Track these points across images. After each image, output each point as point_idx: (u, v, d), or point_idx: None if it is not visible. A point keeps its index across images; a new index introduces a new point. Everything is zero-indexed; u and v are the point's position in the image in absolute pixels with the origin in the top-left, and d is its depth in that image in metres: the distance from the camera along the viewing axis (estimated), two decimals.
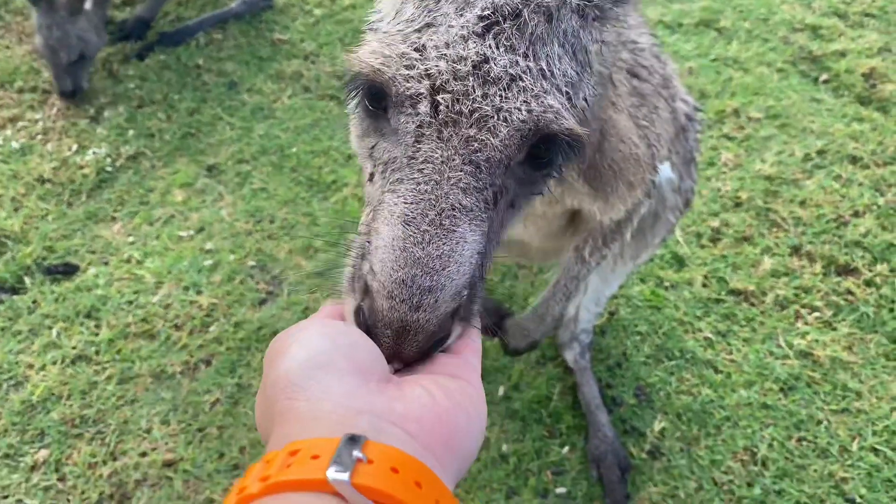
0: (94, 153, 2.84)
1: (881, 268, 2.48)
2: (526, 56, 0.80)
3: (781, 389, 2.20)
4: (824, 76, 3.18)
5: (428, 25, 0.81)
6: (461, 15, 0.80)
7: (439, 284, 0.77)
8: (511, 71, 0.79)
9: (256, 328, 2.31)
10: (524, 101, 0.79)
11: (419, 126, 0.80)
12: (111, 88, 3.10)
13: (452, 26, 0.80)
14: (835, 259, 2.51)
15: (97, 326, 2.32)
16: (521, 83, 0.79)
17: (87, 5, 2.90)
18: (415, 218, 0.78)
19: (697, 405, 2.16)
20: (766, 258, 2.51)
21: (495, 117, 0.78)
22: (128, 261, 2.50)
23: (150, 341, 2.29)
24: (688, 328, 2.34)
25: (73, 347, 2.26)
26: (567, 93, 0.83)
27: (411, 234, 0.77)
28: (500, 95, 0.78)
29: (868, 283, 2.45)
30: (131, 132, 2.93)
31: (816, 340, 2.31)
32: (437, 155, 0.79)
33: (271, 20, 3.45)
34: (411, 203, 0.78)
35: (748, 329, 2.34)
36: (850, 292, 2.43)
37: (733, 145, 2.89)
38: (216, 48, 3.31)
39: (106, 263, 2.49)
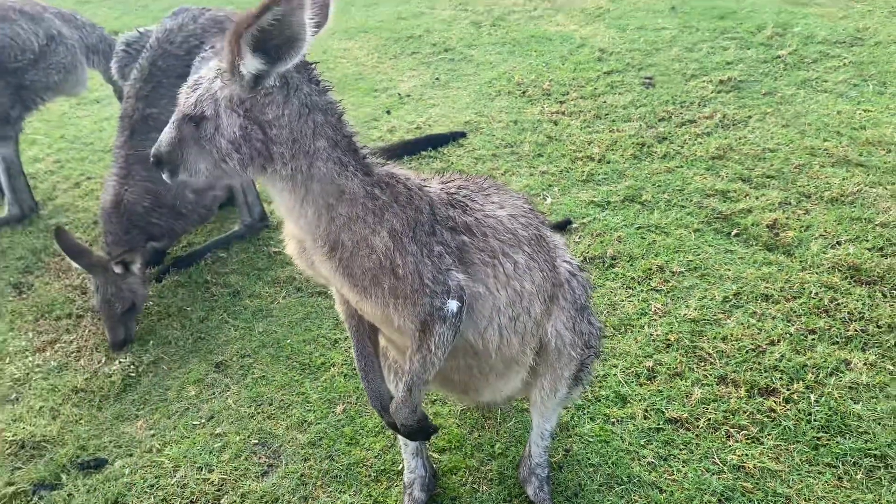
0: (119, 363, 3.35)
1: (797, 386, 2.86)
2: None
3: (719, 501, 2.50)
4: (735, 231, 3.75)
5: None
6: None
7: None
8: None
9: (260, 496, 2.66)
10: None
11: None
12: None
13: None
14: (756, 383, 2.90)
15: None
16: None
17: (135, 268, 3.47)
18: None
19: None
20: (697, 389, 2.90)
21: None
22: (149, 451, 2.91)
23: None
24: (633, 456, 2.69)
25: None
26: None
27: None
28: None
29: (787, 401, 2.82)
30: (151, 342, 3.46)
31: (746, 454, 2.64)
32: None
33: (267, 237, 4.13)
34: None
35: (686, 451, 2.68)
36: (772, 410, 2.79)
37: (660, 296, 3.38)
38: (222, 264, 3.95)
39: (131, 455, 2.90)
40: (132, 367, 3.32)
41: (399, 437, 2.58)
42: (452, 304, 1.81)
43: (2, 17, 4.09)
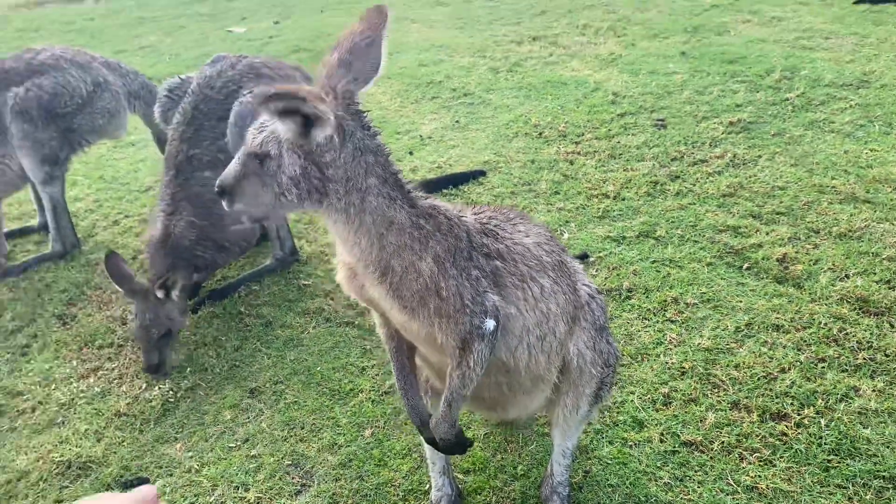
0: (159, 389, 3.53)
1: (808, 411, 2.98)
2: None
3: None
4: (746, 264, 3.90)
5: None
6: None
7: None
8: None
9: None
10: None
11: None
12: None
13: None
14: (768, 408, 3.02)
15: None
16: None
17: (174, 295, 3.65)
18: None
19: None
20: (710, 414, 3.02)
21: None
22: (189, 471, 3.06)
23: None
24: (650, 477, 2.80)
25: None
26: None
27: None
28: None
29: (798, 425, 2.94)
30: (189, 369, 3.64)
31: (760, 476, 2.75)
32: None
33: (297, 270, 4.33)
34: None
35: (701, 473, 2.80)
36: (784, 434, 2.91)
37: (675, 326, 3.52)
38: (254, 297, 4.15)
39: (171, 475, 3.05)
40: (171, 392, 3.50)
41: (427, 456, 2.73)
42: (490, 323, 1.98)
43: (54, 65, 4.39)
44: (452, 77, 7.25)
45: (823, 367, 3.19)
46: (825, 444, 2.84)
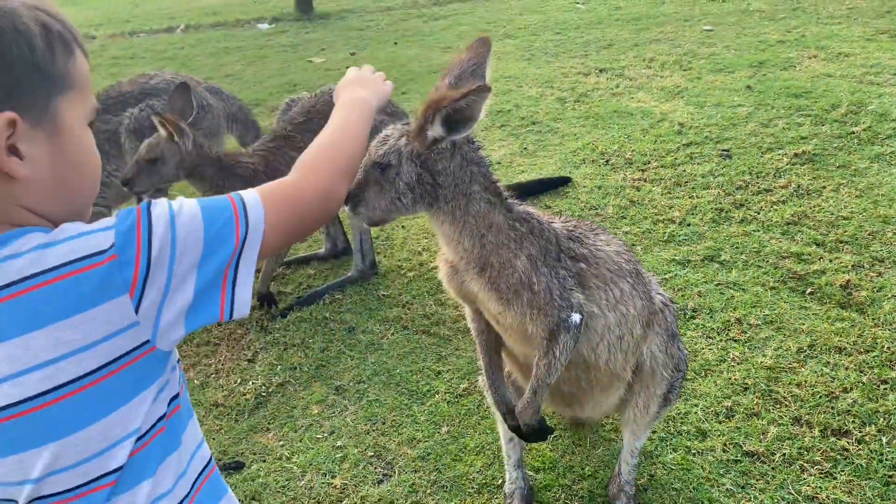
0: (252, 384, 3.85)
1: (869, 429, 3.09)
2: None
3: None
4: (809, 289, 4.02)
5: None
6: None
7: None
8: None
9: (377, 499, 3.06)
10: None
11: None
12: (264, 338, 4.21)
13: None
14: (830, 424, 3.14)
15: None
16: None
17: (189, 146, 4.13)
18: None
19: None
20: (772, 427, 3.16)
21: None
22: (280, 458, 3.35)
23: None
24: (713, 483, 2.96)
25: None
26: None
27: None
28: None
29: (859, 441, 3.05)
30: (279, 367, 3.96)
31: (820, 487, 2.88)
32: None
33: (377, 282, 4.64)
34: None
35: (762, 482, 2.94)
36: (845, 449, 3.03)
37: (738, 346, 3.67)
38: (338, 304, 4.46)
39: (264, 461, 3.35)
40: (263, 387, 3.82)
41: (503, 450, 2.95)
42: (576, 317, 2.22)
43: (165, 89, 4.86)
44: (521, 106, 7.55)
45: (885, 389, 3.30)
46: (886, 460, 2.95)
